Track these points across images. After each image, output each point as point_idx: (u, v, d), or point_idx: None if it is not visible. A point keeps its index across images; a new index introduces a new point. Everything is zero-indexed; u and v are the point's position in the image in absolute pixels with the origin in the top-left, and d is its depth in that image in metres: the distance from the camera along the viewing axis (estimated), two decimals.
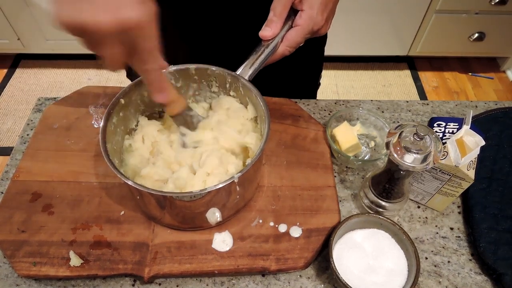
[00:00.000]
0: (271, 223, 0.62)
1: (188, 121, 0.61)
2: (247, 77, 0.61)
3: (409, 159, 0.53)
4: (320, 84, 1.01)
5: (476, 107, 0.82)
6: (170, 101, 0.55)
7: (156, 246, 0.59)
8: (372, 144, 0.73)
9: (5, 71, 2.21)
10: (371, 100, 0.82)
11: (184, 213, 0.57)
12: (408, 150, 0.53)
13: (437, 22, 1.97)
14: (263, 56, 0.60)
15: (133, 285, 0.58)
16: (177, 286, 0.58)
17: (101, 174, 0.66)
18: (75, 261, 0.56)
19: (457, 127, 0.64)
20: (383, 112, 0.80)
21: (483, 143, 0.59)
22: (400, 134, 0.54)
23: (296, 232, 0.61)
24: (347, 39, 2.07)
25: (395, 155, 0.53)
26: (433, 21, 1.97)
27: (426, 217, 0.66)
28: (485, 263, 0.59)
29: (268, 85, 0.71)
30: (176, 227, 0.61)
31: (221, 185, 0.51)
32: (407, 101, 0.82)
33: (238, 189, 0.56)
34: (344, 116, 0.73)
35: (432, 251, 0.62)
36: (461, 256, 0.62)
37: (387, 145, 0.55)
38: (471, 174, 0.59)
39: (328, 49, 0.92)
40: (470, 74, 2.28)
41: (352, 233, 0.59)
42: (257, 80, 0.62)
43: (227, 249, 0.59)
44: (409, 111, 0.81)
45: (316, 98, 0.93)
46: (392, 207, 0.62)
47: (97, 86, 0.78)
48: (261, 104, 0.59)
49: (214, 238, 0.60)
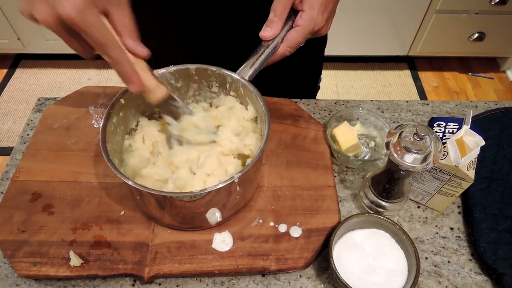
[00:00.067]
0: (271, 223, 0.62)
1: (173, 111, 0.59)
2: (247, 78, 0.61)
3: (409, 159, 0.53)
4: (319, 87, 1.01)
5: (476, 107, 0.82)
6: (144, 91, 0.53)
7: (156, 246, 0.59)
8: (372, 144, 0.73)
9: (5, 71, 2.21)
10: (371, 100, 0.82)
11: (184, 213, 0.57)
12: (408, 150, 0.53)
13: (437, 22, 1.97)
14: (263, 57, 0.60)
15: (133, 285, 0.58)
16: (177, 286, 0.58)
17: (101, 174, 0.66)
18: (75, 261, 0.56)
19: (457, 127, 0.64)
20: (383, 112, 0.80)
21: (483, 143, 0.59)
22: (400, 134, 0.54)
23: (296, 232, 0.61)
24: (347, 39, 2.07)
25: (395, 155, 0.53)
26: (433, 21, 1.97)
27: (426, 217, 0.66)
28: (485, 263, 0.59)
29: (268, 85, 0.71)
30: (176, 227, 0.61)
31: (221, 185, 0.51)
32: (407, 101, 0.82)
33: (238, 189, 0.56)
34: (344, 116, 0.73)
35: (432, 251, 0.62)
36: (461, 256, 0.62)
37: (387, 145, 0.55)
38: (471, 174, 0.59)
39: (328, 49, 0.92)
40: (470, 74, 2.28)
41: (352, 233, 0.59)
42: (257, 80, 0.62)
43: (227, 249, 0.59)
44: (409, 111, 0.81)
45: (316, 98, 0.93)
46: (392, 207, 0.62)
47: (97, 86, 0.78)
48: (261, 104, 0.59)
49: (214, 238, 0.60)
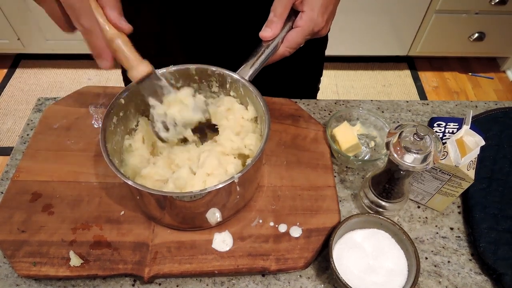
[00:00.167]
0: (271, 223, 0.62)
1: (158, 92, 0.57)
2: (247, 78, 0.61)
3: (409, 159, 0.53)
4: (319, 89, 1.01)
5: (476, 107, 0.82)
6: (126, 67, 0.52)
7: (156, 246, 0.59)
8: (372, 144, 0.73)
9: (5, 71, 2.21)
10: (371, 100, 0.82)
11: (184, 213, 0.57)
12: (408, 150, 0.53)
13: (437, 22, 1.97)
14: (263, 57, 0.60)
15: (133, 285, 0.58)
16: (177, 286, 0.58)
17: (101, 174, 0.66)
18: (75, 261, 0.56)
19: (457, 127, 0.64)
20: (383, 112, 0.80)
21: (483, 143, 0.59)
22: (400, 134, 0.54)
23: (296, 232, 0.61)
24: (347, 39, 2.07)
25: (395, 155, 0.53)
26: (433, 21, 1.97)
27: (426, 217, 0.66)
28: (485, 263, 0.59)
29: (268, 85, 0.71)
30: (176, 227, 0.61)
31: (221, 185, 0.51)
32: (407, 101, 0.82)
33: (238, 189, 0.56)
34: (344, 116, 0.73)
35: (432, 251, 0.62)
36: (461, 256, 0.62)
37: (387, 145, 0.55)
38: (471, 174, 0.59)
39: (328, 49, 0.91)
40: (470, 74, 2.28)
41: (352, 233, 0.59)
42: (257, 80, 0.62)
43: (227, 249, 0.59)
44: (409, 111, 0.81)
45: (316, 98, 0.93)
46: (392, 207, 0.62)
47: (97, 86, 0.78)
48: (261, 104, 0.59)
49: (214, 238, 0.60)
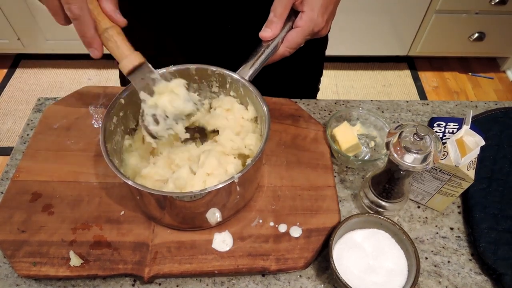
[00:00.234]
0: (271, 223, 0.62)
1: (150, 85, 0.55)
2: (247, 78, 0.61)
3: (409, 159, 0.53)
4: (319, 89, 1.01)
5: (476, 107, 0.82)
6: (118, 58, 0.52)
7: (156, 246, 0.59)
8: (372, 144, 0.73)
9: (5, 71, 2.21)
10: (371, 100, 0.82)
11: (184, 213, 0.57)
12: (408, 150, 0.53)
13: (437, 22, 1.97)
14: (263, 57, 0.60)
15: (133, 285, 0.58)
16: (177, 286, 0.58)
17: (101, 174, 0.66)
18: (75, 261, 0.56)
19: (457, 127, 0.64)
20: (383, 112, 0.80)
21: (483, 143, 0.59)
22: (400, 134, 0.54)
23: (296, 232, 0.61)
24: (347, 39, 2.07)
25: (395, 155, 0.53)
26: (433, 21, 1.97)
27: (426, 217, 0.66)
28: (485, 263, 0.59)
29: (268, 85, 0.71)
30: (176, 227, 0.61)
31: (221, 185, 0.51)
32: (407, 101, 0.82)
33: (238, 189, 0.56)
34: (344, 116, 0.73)
35: (432, 251, 0.62)
36: (461, 256, 0.62)
37: (387, 145, 0.55)
38: (471, 174, 0.59)
39: (328, 49, 0.92)
40: (470, 74, 2.28)
41: (352, 233, 0.59)
42: (257, 80, 0.62)
43: (227, 249, 0.59)
44: (409, 111, 0.81)
45: (316, 98, 0.93)
46: (392, 207, 0.62)
47: (97, 86, 0.78)
48: (261, 104, 0.59)
49: (214, 238, 0.60)
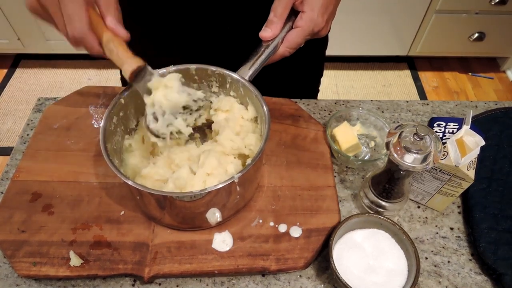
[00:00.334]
0: (271, 223, 0.62)
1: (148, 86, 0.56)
2: (247, 78, 0.61)
3: (409, 159, 0.53)
4: (319, 91, 1.01)
5: (476, 107, 0.82)
6: (120, 64, 0.52)
7: (156, 246, 0.59)
8: (372, 144, 0.73)
9: (5, 71, 2.21)
10: (371, 100, 0.82)
11: (184, 213, 0.57)
12: (408, 150, 0.53)
13: (437, 22, 1.97)
14: (263, 57, 0.60)
15: (133, 285, 0.58)
16: (177, 286, 0.58)
17: (101, 174, 0.66)
18: (75, 261, 0.56)
19: (457, 127, 0.64)
20: (383, 112, 0.80)
21: (483, 143, 0.59)
22: (400, 134, 0.54)
23: (296, 232, 0.61)
24: (347, 39, 2.07)
25: (395, 155, 0.53)
26: (433, 21, 1.97)
27: (426, 217, 0.66)
28: (485, 263, 0.59)
29: (268, 85, 0.71)
30: (176, 227, 0.61)
31: (221, 185, 0.51)
32: (407, 101, 0.82)
33: (238, 189, 0.56)
34: (344, 116, 0.73)
35: (432, 251, 0.62)
36: (461, 256, 0.62)
37: (387, 145, 0.55)
38: (471, 174, 0.59)
39: (328, 49, 0.91)
40: (470, 74, 2.28)
41: (352, 233, 0.59)
42: (257, 80, 0.62)
43: (227, 249, 0.59)
44: (409, 111, 0.81)
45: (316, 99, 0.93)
46: (392, 207, 0.62)
47: (97, 86, 0.78)
48: (261, 104, 0.59)
49: (214, 238, 0.60)
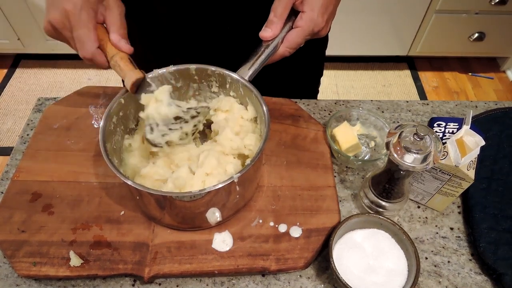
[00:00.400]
0: (271, 223, 0.62)
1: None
2: (247, 78, 0.61)
3: (409, 159, 0.53)
4: (319, 91, 1.01)
5: (476, 107, 0.82)
6: (122, 76, 0.55)
7: (156, 246, 0.59)
8: (372, 144, 0.73)
9: (5, 71, 2.21)
10: (371, 100, 0.82)
11: (184, 213, 0.57)
12: (408, 150, 0.53)
13: (437, 22, 1.97)
14: (263, 57, 0.60)
15: (133, 285, 0.58)
16: (177, 286, 0.58)
17: (101, 174, 0.66)
18: (75, 261, 0.56)
19: (457, 127, 0.64)
20: (383, 112, 0.80)
21: (483, 143, 0.59)
22: (400, 134, 0.54)
23: (296, 232, 0.61)
24: (347, 39, 2.07)
25: (395, 155, 0.53)
26: (433, 21, 1.97)
27: (426, 217, 0.66)
28: (485, 263, 0.59)
29: (268, 85, 0.71)
30: (176, 227, 0.61)
31: (220, 185, 0.51)
32: (407, 101, 0.82)
33: (237, 189, 0.56)
34: (344, 116, 0.73)
35: (432, 251, 0.62)
36: (461, 256, 0.62)
37: (387, 145, 0.55)
38: (471, 174, 0.59)
39: (328, 49, 0.91)
40: (470, 74, 2.28)
41: (352, 233, 0.59)
42: (257, 80, 0.62)
43: (227, 249, 0.59)
44: (409, 111, 0.81)
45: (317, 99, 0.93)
46: (392, 207, 0.62)
47: (97, 86, 0.78)
48: (261, 104, 0.59)
49: (214, 238, 0.60)
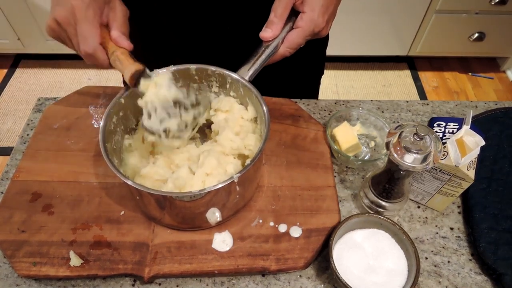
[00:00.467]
0: (271, 223, 0.62)
1: None
2: (247, 78, 0.61)
3: (409, 159, 0.53)
4: (319, 91, 1.01)
5: (476, 107, 0.82)
6: (121, 70, 0.56)
7: (156, 246, 0.59)
8: (372, 144, 0.73)
9: (5, 71, 2.21)
10: (371, 100, 0.82)
11: (184, 213, 0.57)
12: (408, 150, 0.53)
13: (437, 22, 1.97)
14: (263, 57, 0.60)
15: (133, 285, 0.58)
16: (177, 286, 0.58)
17: (101, 174, 0.66)
18: (75, 261, 0.56)
19: (457, 127, 0.64)
20: (383, 112, 0.80)
21: (483, 143, 0.59)
22: (400, 134, 0.54)
23: (296, 232, 0.61)
24: (347, 39, 2.07)
25: (395, 155, 0.53)
26: (433, 21, 1.97)
27: (426, 217, 0.66)
28: (485, 263, 0.59)
29: (268, 85, 0.71)
30: (176, 227, 0.61)
31: (220, 185, 0.51)
32: (407, 101, 0.82)
33: (238, 189, 0.56)
34: (344, 116, 0.73)
35: (432, 251, 0.62)
36: (461, 256, 0.62)
37: (387, 145, 0.55)
38: (471, 174, 0.59)
39: (328, 49, 0.91)
40: (470, 74, 2.28)
41: (352, 233, 0.59)
42: (257, 80, 0.62)
43: (227, 249, 0.59)
44: (409, 111, 0.81)
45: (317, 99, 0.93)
46: (392, 207, 0.62)
47: (97, 86, 0.78)
48: (261, 104, 0.59)
49: (214, 238, 0.60)
